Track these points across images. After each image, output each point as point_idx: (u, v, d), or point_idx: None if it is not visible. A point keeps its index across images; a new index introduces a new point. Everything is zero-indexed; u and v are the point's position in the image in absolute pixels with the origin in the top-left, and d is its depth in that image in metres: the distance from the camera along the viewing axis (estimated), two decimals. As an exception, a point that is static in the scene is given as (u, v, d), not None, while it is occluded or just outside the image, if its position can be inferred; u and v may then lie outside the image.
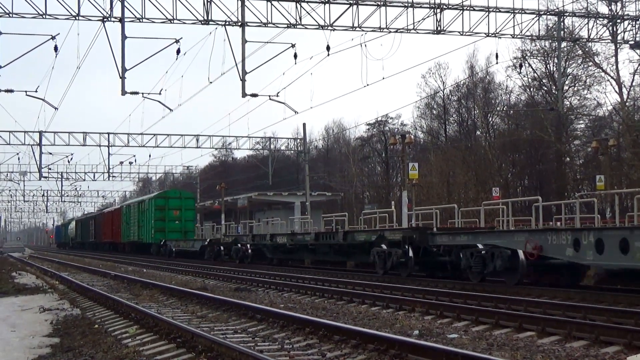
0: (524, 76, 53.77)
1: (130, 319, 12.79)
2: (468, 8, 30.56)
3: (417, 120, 68.59)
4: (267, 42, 29.58)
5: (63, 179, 76.87)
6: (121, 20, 27.65)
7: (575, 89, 51.91)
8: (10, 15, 27.78)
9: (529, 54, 52.12)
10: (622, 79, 47.06)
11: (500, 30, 31.38)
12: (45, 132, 51.69)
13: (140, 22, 28.15)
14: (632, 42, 34.94)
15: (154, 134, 53.57)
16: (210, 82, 30.77)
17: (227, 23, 28.70)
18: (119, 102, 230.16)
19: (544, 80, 53.93)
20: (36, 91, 32.06)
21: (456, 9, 30.43)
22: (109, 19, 27.83)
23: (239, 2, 28.61)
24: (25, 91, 32.17)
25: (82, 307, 16.10)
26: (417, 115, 68.32)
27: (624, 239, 14.15)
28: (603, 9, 37.20)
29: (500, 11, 31.22)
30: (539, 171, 53.67)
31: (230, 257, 36.69)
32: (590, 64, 49.06)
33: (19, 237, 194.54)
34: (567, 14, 34.47)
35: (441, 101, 64.41)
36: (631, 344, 9.15)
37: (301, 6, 29.23)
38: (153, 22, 28.57)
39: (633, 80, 47.91)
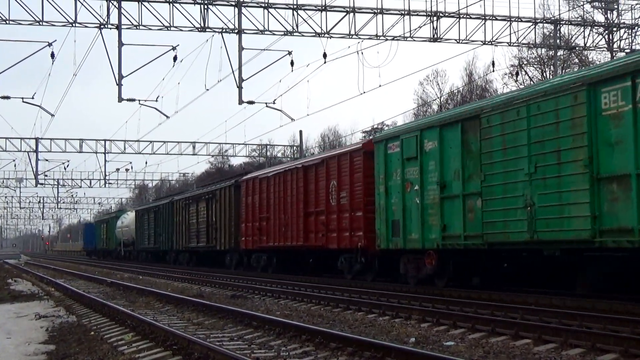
0: (521, 84, 53.83)
1: (126, 326, 12.76)
2: (464, 16, 30.64)
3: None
4: (264, 50, 29.64)
5: (59, 186, 76.99)
6: (118, 27, 27.66)
7: (572, 96, 51.99)
8: (7, 22, 27.80)
9: (525, 62, 52.22)
10: (618, 87, 47.12)
11: (496, 38, 31.47)
12: (41, 138, 51.77)
13: (137, 29, 28.17)
14: (628, 51, 35.02)
15: (151, 141, 53.72)
16: (207, 90, 30.77)
17: (224, 30, 28.74)
18: (116, 109, 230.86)
19: (540, 88, 54.03)
20: (32, 98, 32.13)
21: (453, 16, 30.52)
22: (106, 25, 27.86)
23: (236, 10, 28.66)
24: (22, 98, 32.20)
25: (77, 314, 16.06)
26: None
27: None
28: (599, 17, 37.40)
29: (496, 19, 31.31)
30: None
31: None
32: (586, 72, 49.13)
33: (14, 244, 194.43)
34: (563, 22, 34.61)
35: (438, 108, 64.51)
36: (627, 352, 9.14)
37: (298, 14, 29.30)
38: (150, 29, 28.58)
39: (629, 88, 47.96)
